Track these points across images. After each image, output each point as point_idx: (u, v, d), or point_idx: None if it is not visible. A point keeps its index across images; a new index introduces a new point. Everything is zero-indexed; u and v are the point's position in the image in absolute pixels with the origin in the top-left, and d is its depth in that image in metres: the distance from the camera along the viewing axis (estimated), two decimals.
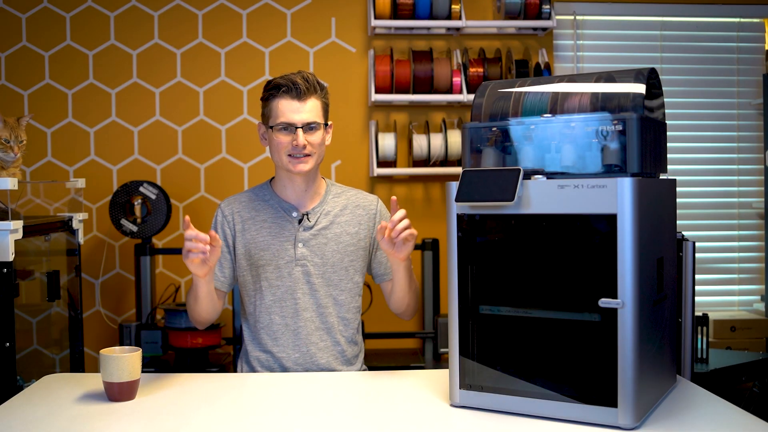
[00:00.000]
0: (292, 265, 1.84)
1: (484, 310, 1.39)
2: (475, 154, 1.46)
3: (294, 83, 1.79)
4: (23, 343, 2.68)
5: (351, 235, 1.88)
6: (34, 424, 1.35)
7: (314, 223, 1.86)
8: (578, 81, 1.46)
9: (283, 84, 1.80)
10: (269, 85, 1.83)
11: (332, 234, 1.87)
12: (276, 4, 3.23)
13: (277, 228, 1.86)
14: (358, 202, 1.93)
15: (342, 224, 1.88)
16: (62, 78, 3.18)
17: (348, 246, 1.87)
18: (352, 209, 1.91)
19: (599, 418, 1.28)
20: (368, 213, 1.92)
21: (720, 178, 3.51)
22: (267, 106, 1.84)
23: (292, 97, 1.79)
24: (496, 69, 3.14)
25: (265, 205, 1.90)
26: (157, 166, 3.21)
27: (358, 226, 1.90)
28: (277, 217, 1.88)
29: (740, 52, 3.49)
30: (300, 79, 1.80)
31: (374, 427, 1.33)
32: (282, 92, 1.80)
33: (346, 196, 1.94)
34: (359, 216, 1.91)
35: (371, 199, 1.95)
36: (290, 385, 1.61)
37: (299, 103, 1.79)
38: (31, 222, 2.22)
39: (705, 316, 2.54)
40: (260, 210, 1.89)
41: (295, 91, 1.79)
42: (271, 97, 1.82)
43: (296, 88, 1.79)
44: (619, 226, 1.24)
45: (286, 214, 1.87)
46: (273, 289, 1.85)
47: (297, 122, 1.79)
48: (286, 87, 1.79)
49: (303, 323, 1.84)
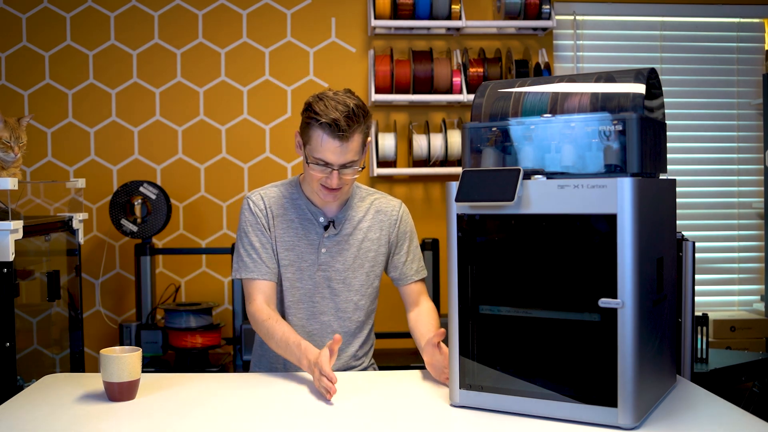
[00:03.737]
0: (314, 269, 1.83)
1: (484, 310, 1.39)
2: (475, 154, 1.46)
3: (338, 124, 1.64)
4: (23, 343, 2.68)
5: (372, 240, 1.87)
6: (34, 424, 1.35)
7: (339, 230, 1.84)
8: (578, 81, 1.46)
9: (327, 122, 1.65)
10: (312, 111, 1.68)
11: (355, 240, 1.85)
12: (276, 4, 3.23)
13: (303, 230, 1.84)
14: (381, 206, 1.90)
15: (364, 230, 1.87)
16: (62, 78, 3.18)
17: (369, 252, 1.87)
18: (374, 214, 1.89)
19: (599, 418, 1.28)
20: (389, 218, 1.90)
21: (720, 178, 3.51)
22: (306, 131, 1.71)
23: (334, 136, 1.65)
24: (496, 69, 3.14)
25: (293, 205, 1.85)
26: (157, 166, 3.21)
27: (379, 232, 1.88)
28: (303, 219, 1.84)
29: (740, 52, 3.49)
30: (344, 118, 1.64)
31: (374, 427, 1.33)
32: (324, 128, 1.66)
33: (370, 200, 1.90)
34: (381, 221, 1.89)
35: (394, 204, 1.92)
36: (291, 385, 1.61)
37: (341, 144, 1.66)
38: (31, 222, 2.22)
39: (705, 316, 2.54)
40: (288, 209, 1.85)
41: (339, 131, 1.65)
42: (313, 124, 1.68)
43: (340, 131, 1.64)
44: (619, 226, 1.24)
45: (313, 217, 1.84)
46: (293, 291, 1.83)
47: (335, 164, 1.69)
48: (330, 126, 1.65)
49: (319, 326, 1.84)
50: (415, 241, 1.96)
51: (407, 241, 1.92)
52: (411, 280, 1.92)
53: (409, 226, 1.94)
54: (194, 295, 3.19)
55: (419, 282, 1.93)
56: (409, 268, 1.92)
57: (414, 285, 1.92)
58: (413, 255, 1.93)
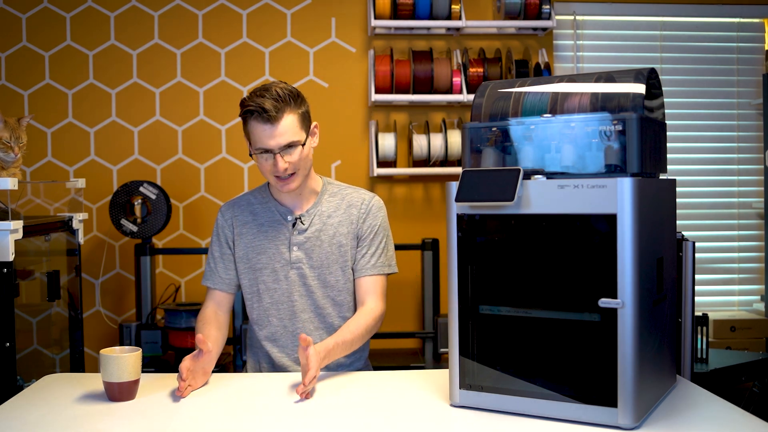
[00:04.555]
0: (288, 268, 1.85)
1: (484, 310, 1.39)
2: (475, 154, 1.46)
3: (263, 109, 1.68)
4: (23, 343, 2.68)
5: (344, 235, 1.86)
6: (34, 424, 1.35)
7: (308, 225, 1.85)
8: (578, 81, 1.46)
9: (253, 109, 1.70)
10: (242, 109, 1.74)
11: (326, 236, 1.86)
12: (276, 4, 3.23)
13: (273, 232, 1.87)
14: (352, 201, 1.89)
15: (335, 225, 1.86)
16: (62, 78, 3.19)
17: (342, 246, 1.86)
18: (345, 209, 1.88)
19: (599, 418, 1.28)
20: (359, 211, 1.87)
21: (720, 178, 3.51)
22: (245, 129, 1.77)
23: (263, 121, 1.70)
24: (496, 69, 3.14)
25: (262, 209, 1.90)
26: (157, 166, 3.21)
27: (349, 226, 1.87)
28: (273, 221, 1.88)
29: (740, 52, 3.49)
30: (269, 101, 1.69)
31: (374, 427, 1.33)
32: (254, 117, 1.71)
33: (341, 195, 1.91)
34: (351, 215, 1.87)
35: (365, 197, 1.90)
36: (290, 385, 1.61)
37: (272, 126, 1.70)
38: (31, 222, 2.22)
39: (705, 316, 2.54)
40: (258, 214, 1.90)
41: (266, 115, 1.69)
42: (246, 120, 1.75)
43: (266, 113, 1.69)
44: (619, 226, 1.24)
45: (282, 217, 1.87)
46: (270, 292, 1.86)
47: (273, 147, 1.72)
48: (256, 112, 1.70)
49: (301, 324, 1.85)
50: (381, 236, 1.88)
51: (372, 234, 1.86)
52: (364, 273, 1.85)
53: (379, 219, 1.88)
54: (194, 295, 3.19)
55: (373, 277, 1.85)
56: (366, 261, 1.85)
57: (365, 279, 1.85)
58: (376, 248, 1.86)
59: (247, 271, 1.88)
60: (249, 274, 1.88)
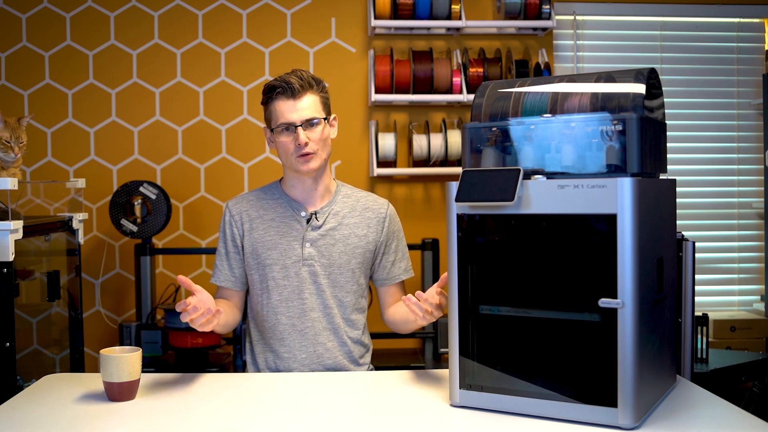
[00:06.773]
0: (299, 264, 1.84)
1: (484, 310, 1.39)
2: (475, 154, 1.46)
3: (288, 83, 1.78)
4: (23, 343, 2.68)
5: (359, 237, 1.87)
6: (34, 424, 1.35)
7: (322, 223, 1.86)
8: (578, 81, 1.46)
9: (277, 86, 1.79)
10: (266, 89, 1.83)
11: (340, 235, 1.86)
12: (276, 4, 3.23)
13: (285, 227, 1.86)
14: (368, 204, 1.92)
15: (350, 226, 1.88)
16: (62, 78, 3.19)
17: (356, 248, 1.87)
18: (361, 211, 1.90)
19: (599, 418, 1.28)
20: (378, 216, 1.91)
21: (720, 178, 3.51)
22: (267, 109, 1.84)
23: (287, 96, 1.78)
24: (496, 69, 3.14)
25: (273, 204, 1.89)
26: (157, 166, 3.21)
27: (366, 229, 1.89)
28: (285, 216, 1.87)
29: (740, 52, 3.49)
30: (294, 78, 1.79)
31: (374, 427, 1.33)
32: (278, 94, 1.79)
33: (355, 197, 1.93)
34: (368, 219, 1.90)
35: (381, 203, 1.94)
36: (290, 385, 1.61)
37: (295, 101, 1.78)
38: (31, 222, 2.22)
39: (705, 316, 2.54)
40: (268, 209, 1.89)
41: (290, 91, 1.78)
42: (269, 100, 1.82)
43: (291, 88, 1.78)
44: (619, 226, 1.24)
45: (295, 213, 1.87)
46: (279, 289, 1.84)
47: (296, 120, 1.78)
48: (281, 88, 1.78)
49: (310, 323, 1.84)
50: (403, 240, 1.97)
51: (395, 241, 1.94)
52: (398, 279, 1.94)
53: (397, 225, 1.96)
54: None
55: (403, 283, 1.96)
56: (398, 268, 1.93)
57: (400, 285, 1.95)
58: (401, 254, 1.95)
59: (256, 267, 1.87)
60: (258, 270, 1.87)
